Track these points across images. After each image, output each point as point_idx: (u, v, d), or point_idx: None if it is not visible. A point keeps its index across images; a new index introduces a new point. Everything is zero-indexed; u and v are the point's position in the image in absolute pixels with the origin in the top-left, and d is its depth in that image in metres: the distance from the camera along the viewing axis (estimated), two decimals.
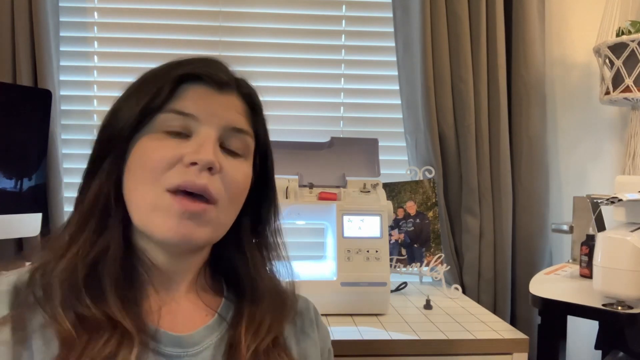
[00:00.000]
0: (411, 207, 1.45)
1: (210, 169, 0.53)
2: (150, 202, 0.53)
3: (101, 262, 0.53)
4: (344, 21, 1.60)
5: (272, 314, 0.60)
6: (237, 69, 0.61)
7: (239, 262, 0.62)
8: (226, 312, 0.60)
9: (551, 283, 1.09)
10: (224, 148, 0.57)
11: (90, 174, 0.57)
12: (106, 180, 0.55)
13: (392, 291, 1.31)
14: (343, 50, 1.60)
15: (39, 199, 1.27)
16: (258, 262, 0.62)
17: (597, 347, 1.07)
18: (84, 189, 0.57)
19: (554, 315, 1.00)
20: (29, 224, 1.25)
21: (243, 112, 0.59)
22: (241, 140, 0.58)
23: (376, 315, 1.15)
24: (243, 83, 0.61)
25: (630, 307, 0.87)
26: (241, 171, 0.58)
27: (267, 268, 0.64)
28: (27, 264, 0.56)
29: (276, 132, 1.55)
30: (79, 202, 0.57)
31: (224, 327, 0.58)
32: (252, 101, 0.61)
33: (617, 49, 1.27)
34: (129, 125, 0.55)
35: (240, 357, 0.55)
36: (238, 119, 0.58)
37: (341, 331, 1.05)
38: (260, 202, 0.63)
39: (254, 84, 0.63)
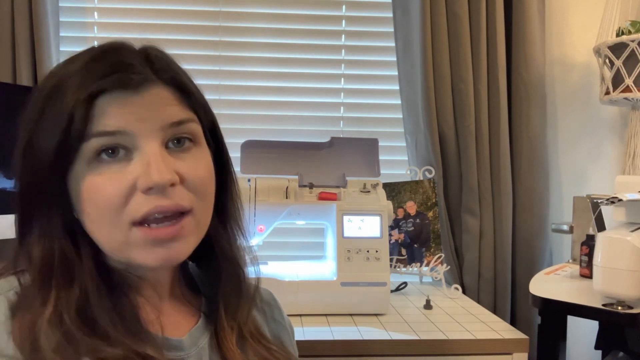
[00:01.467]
0: (411, 207, 1.45)
1: (171, 184, 0.48)
2: (121, 241, 0.49)
3: (87, 308, 0.48)
4: (344, 21, 1.60)
5: (241, 293, 0.60)
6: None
7: (204, 243, 0.58)
8: (207, 309, 0.60)
9: (551, 283, 1.09)
10: (172, 146, 0.51)
11: (26, 226, 0.50)
12: (53, 235, 0.49)
13: (392, 291, 1.30)
14: (343, 50, 1.60)
15: None
16: (220, 235, 0.59)
17: (597, 347, 1.07)
18: (24, 244, 0.50)
19: (554, 315, 1.00)
20: None
21: (174, 100, 0.51)
22: (185, 131, 0.51)
23: (376, 315, 1.15)
24: (159, 64, 0.52)
25: (630, 307, 0.87)
26: (201, 165, 0.52)
27: (231, 241, 0.61)
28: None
29: (276, 132, 1.57)
30: (24, 260, 0.50)
31: (211, 324, 0.59)
32: (178, 83, 0.53)
33: (617, 49, 1.27)
34: (52, 166, 0.48)
35: (227, 340, 0.56)
36: (172, 112, 0.50)
37: (341, 331, 1.05)
38: (220, 176, 0.58)
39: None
